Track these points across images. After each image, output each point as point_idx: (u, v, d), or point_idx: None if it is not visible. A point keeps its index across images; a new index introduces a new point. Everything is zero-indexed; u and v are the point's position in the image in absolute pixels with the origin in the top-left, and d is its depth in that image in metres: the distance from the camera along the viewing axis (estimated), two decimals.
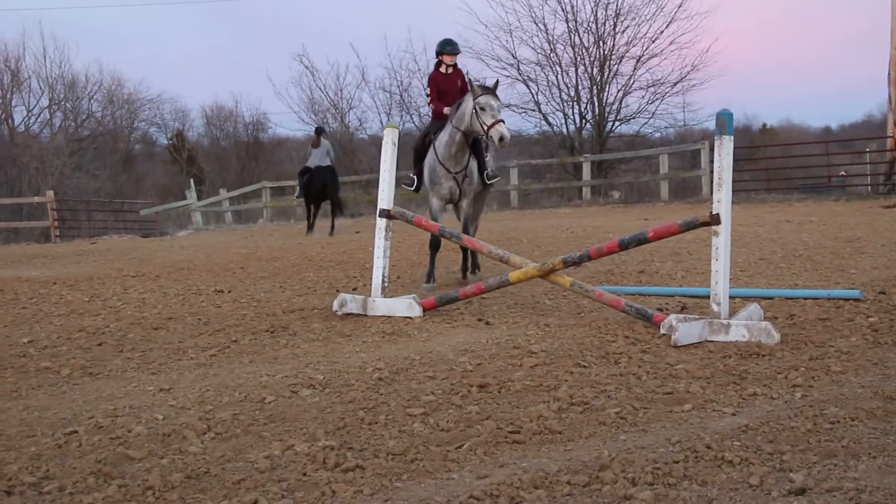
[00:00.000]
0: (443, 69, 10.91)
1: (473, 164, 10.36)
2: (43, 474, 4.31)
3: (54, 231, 27.52)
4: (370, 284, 8.70)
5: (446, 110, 10.50)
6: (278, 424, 5.01)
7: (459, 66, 11.09)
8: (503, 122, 9.74)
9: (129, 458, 4.50)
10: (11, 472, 4.34)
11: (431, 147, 10.44)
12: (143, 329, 8.20)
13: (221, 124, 55.18)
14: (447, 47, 10.86)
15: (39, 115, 47.23)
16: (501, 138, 9.63)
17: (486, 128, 9.70)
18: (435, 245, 10.31)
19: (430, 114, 11.46)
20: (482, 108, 9.76)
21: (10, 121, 45.89)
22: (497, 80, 10.40)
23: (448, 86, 10.87)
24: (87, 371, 6.68)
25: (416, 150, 10.93)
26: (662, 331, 6.88)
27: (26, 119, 46.73)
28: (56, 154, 41.82)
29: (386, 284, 8.59)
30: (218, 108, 55.14)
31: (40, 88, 46.67)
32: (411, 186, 10.82)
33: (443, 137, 10.28)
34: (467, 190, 10.40)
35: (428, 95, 11.10)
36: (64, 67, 47.61)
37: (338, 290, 9.80)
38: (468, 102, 9.93)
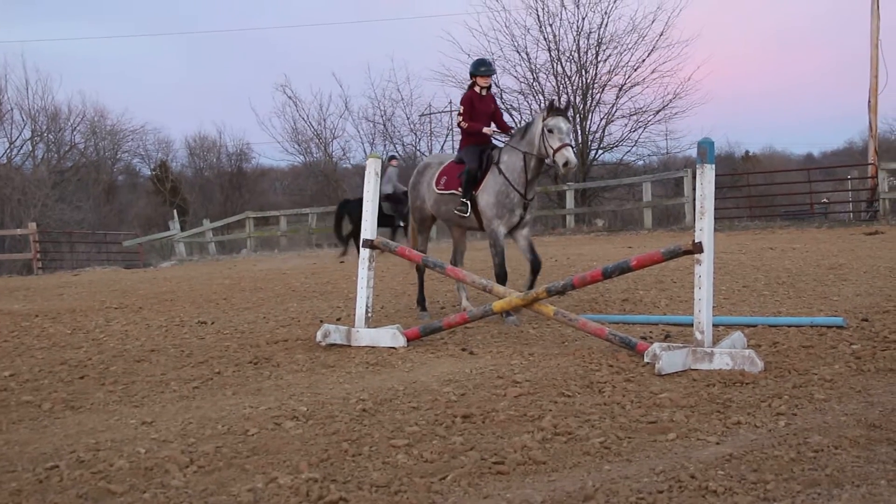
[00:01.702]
0: (477, 90, 10.45)
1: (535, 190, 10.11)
2: None
3: (36, 263, 27.39)
4: (354, 315, 8.68)
5: (487, 130, 10.28)
6: (261, 457, 4.97)
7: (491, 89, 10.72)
8: (571, 146, 9.45)
9: (111, 492, 4.46)
10: None
11: (497, 172, 9.89)
12: (126, 362, 8.15)
13: (205, 155, 55.23)
14: (481, 69, 10.45)
15: (22, 146, 47.21)
16: (566, 163, 9.30)
17: (552, 151, 9.38)
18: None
19: (457, 137, 11.69)
20: (550, 131, 9.43)
21: None
22: (569, 100, 10.40)
23: (482, 107, 10.44)
24: (69, 405, 6.63)
25: (471, 173, 10.02)
26: (646, 359, 6.88)
27: (8, 151, 46.67)
28: (38, 186, 41.70)
29: (370, 315, 8.57)
30: (201, 139, 55.22)
31: (23, 120, 46.68)
32: (465, 213, 10.00)
33: (512, 162, 9.86)
34: (529, 216, 10.03)
35: (460, 115, 10.46)
36: (46, 99, 47.68)
37: (321, 321, 9.77)
38: (538, 124, 9.62)
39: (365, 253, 8.63)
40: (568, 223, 28.77)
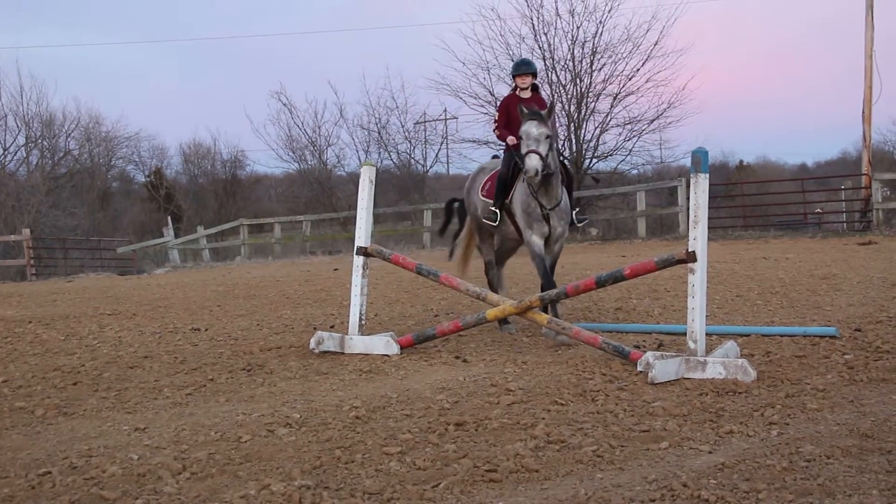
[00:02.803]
0: (519, 93, 9.70)
1: (566, 201, 9.29)
2: None
3: (30, 269, 27.36)
4: (348, 322, 8.68)
5: (511, 140, 9.34)
6: (254, 464, 4.98)
7: (533, 90, 9.86)
8: (536, 153, 8.62)
9: (104, 498, 4.46)
10: None
11: (523, 180, 9.18)
12: (119, 368, 8.15)
13: (199, 162, 55.15)
14: (521, 67, 9.85)
15: (16, 152, 47.13)
16: (526, 172, 8.64)
17: (523, 159, 8.77)
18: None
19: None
20: (520, 138, 8.87)
21: None
22: (552, 101, 9.48)
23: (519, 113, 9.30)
24: (62, 411, 6.63)
25: (501, 180, 9.56)
26: (639, 368, 6.88)
27: (2, 157, 46.60)
28: (32, 192, 41.64)
29: (363, 322, 8.58)
30: (196, 146, 55.15)
31: (17, 126, 46.59)
32: (494, 222, 9.57)
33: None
34: (559, 229, 9.27)
35: (496, 121, 9.84)
36: (41, 105, 47.59)
37: (315, 328, 9.78)
38: None
39: (358, 260, 8.64)
40: None
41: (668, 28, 35.76)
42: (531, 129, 8.76)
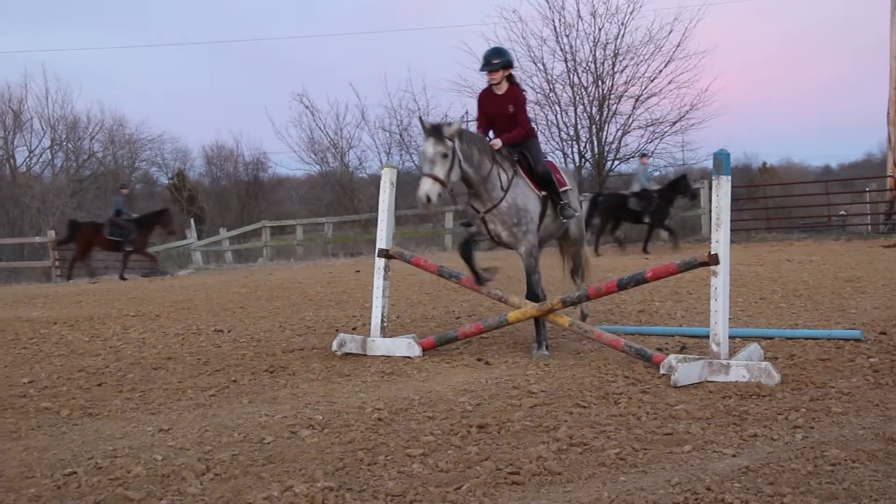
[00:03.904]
0: (494, 88, 8.78)
1: (514, 201, 8.34)
2: None
3: (55, 271, 27.52)
4: (370, 324, 8.70)
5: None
6: (277, 465, 4.99)
7: (519, 81, 9.17)
8: (430, 177, 7.87)
9: (128, 499, 4.48)
10: None
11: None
12: (143, 369, 8.19)
13: (222, 164, 55.33)
14: (487, 64, 8.67)
15: (41, 155, 47.44)
16: (418, 199, 7.94)
17: None
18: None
19: None
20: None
21: (12, 161, 46.09)
22: (461, 118, 8.83)
23: (494, 109, 8.72)
24: (87, 411, 6.67)
25: None
26: (662, 371, 6.86)
27: (28, 159, 46.94)
28: (57, 194, 41.93)
29: (385, 324, 8.60)
30: (218, 148, 55.32)
31: (42, 129, 46.91)
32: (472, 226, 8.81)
33: None
34: (504, 233, 8.41)
35: (478, 123, 9.04)
36: (66, 108, 47.88)
37: (337, 330, 9.80)
38: None
39: (380, 262, 8.65)
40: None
41: (691, 29, 35.50)
42: (427, 148, 8.04)
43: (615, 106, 34.93)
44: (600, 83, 34.65)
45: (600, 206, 23.43)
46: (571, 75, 34.74)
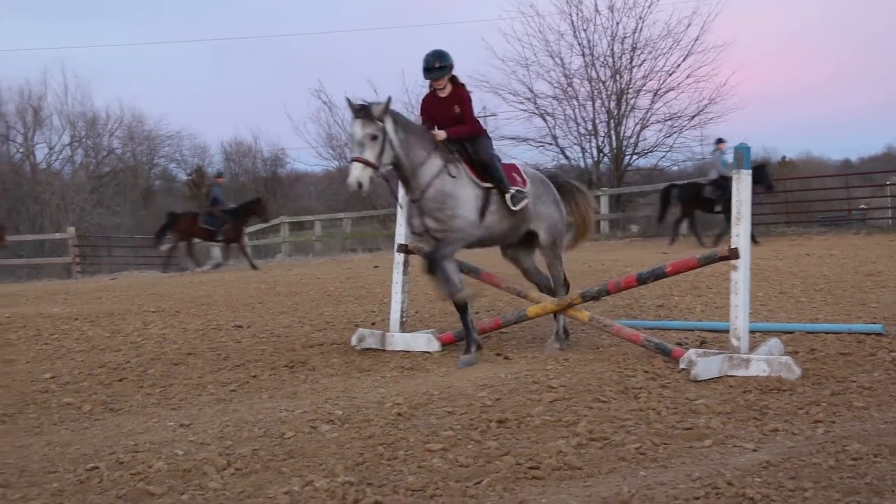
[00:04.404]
0: (438, 92, 8.34)
1: (444, 188, 7.88)
2: None
3: (75, 267, 27.64)
4: (388, 319, 8.71)
5: (438, 134, 8.18)
6: (298, 460, 5.01)
7: (471, 84, 8.71)
8: (360, 161, 7.53)
9: (150, 493, 4.51)
10: None
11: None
12: (164, 365, 8.23)
13: (240, 160, 55.44)
14: (429, 73, 8.23)
15: (61, 152, 47.64)
16: (348, 186, 7.72)
17: None
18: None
19: None
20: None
21: (31, 158, 46.32)
22: (389, 98, 7.84)
23: (439, 112, 8.29)
24: (108, 407, 6.72)
25: None
26: (682, 365, 6.84)
27: (48, 156, 47.16)
28: (77, 190, 42.11)
29: (404, 319, 8.61)
30: (237, 144, 55.43)
31: (62, 126, 47.10)
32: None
33: None
34: (432, 223, 7.93)
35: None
36: (85, 105, 48.07)
37: (356, 325, 9.80)
38: None
39: (399, 258, 8.66)
40: (602, 228, 28.67)
41: (710, 23, 35.35)
42: (355, 129, 7.64)
43: (633, 100, 34.81)
44: (618, 77, 34.53)
45: (675, 196, 22.93)
46: (589, 69, 34.63)
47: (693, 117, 34.11)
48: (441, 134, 8.13)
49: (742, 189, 6.85)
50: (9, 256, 26.41)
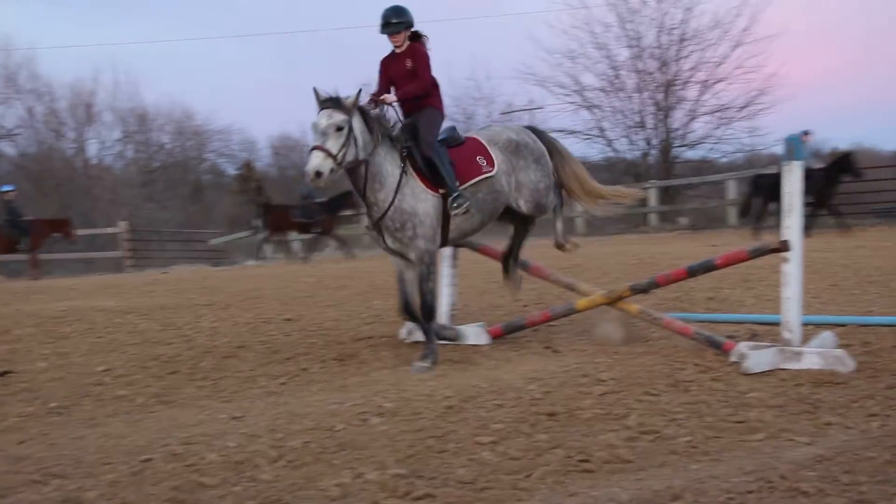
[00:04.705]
0: (397, 51, 7.95)
1: (398, 203, 7.58)
2: (120, 501, 4.39)
3: (127, 261, 27.98)
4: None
5: (387, 97, 7.91)
6: (348, 452, 5.04)
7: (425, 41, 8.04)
8: (321, 150, 7.17)
9: (204, 485, 4.56)
10: (90, 498, 4.44)
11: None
12: (215, 358, 8.30)
13: (288, 154, 55.72)
14: (385, 27, 7.85)
15: (112, 147, 48.21)
16: (306, 175, 7.41)
17: None
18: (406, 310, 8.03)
19: None
20: None
21: (84, 153, 46.91)
22: (359, 91, 7.53)
23: (394, 70, 7.96)
24: (161, 399, 6.80)
25: None
26: (733, 358, 6.79)
27: (100, 151, 47.74)
28: (128, 186, 42.62)
29: (453, 312, 8.62)
30: (284, 139, 55.73)
31: (113, 122, 47.65)
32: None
33: None
34: (392, 242, 7.74)
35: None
36: (136, 101, 48.59)
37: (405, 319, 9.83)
38: None
39: (447, 251, 8.67)
40: (651, 221, 28.53)
41: (759, 13, 35.06)
42: (320, 119, 7.28)
43: (681, 92, 34.58)
44: (666, 69, 34.32)
45: (760, 185, 22.57)
46: (636, 61, 34.47)
47: (742, 108, 33.84)
48: (390, 97, 7.81)
49: (793, 181, 6.78)
50: (63, 251, 26.77)
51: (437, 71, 7.92)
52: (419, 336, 8.38)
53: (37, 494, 4.57)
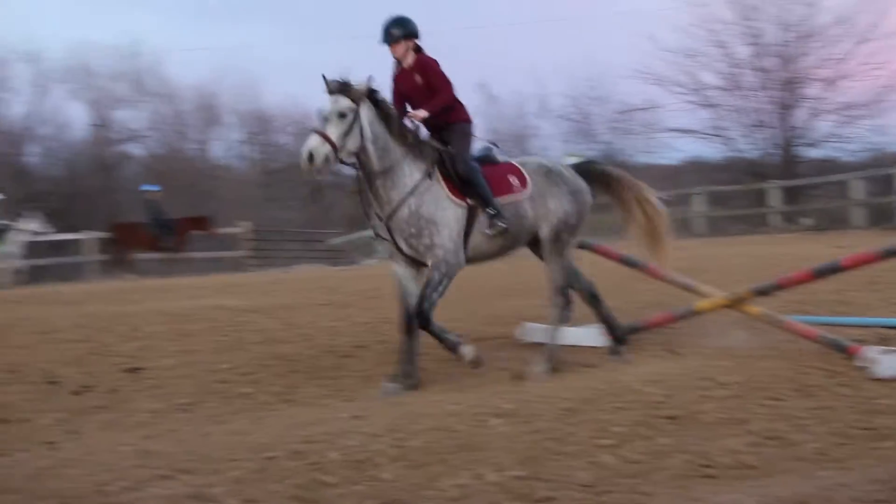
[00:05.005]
0: (404, 65, 7.60)
1: (415, 206, 7.21)
2: (246, 497, 4.49)
3: (250, 261, 28.54)
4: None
5: (414, 114, 7.54)
6: (467, 453, 5.05)
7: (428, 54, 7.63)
8: (319, 135, 6.84)
9: (326, 483, 4.64)
10: (216, 494, 4.55)
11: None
12: (335, 357, 8.42)
13: None
14: (385, 36, 7.50)
15: (235, 148, 49.20)
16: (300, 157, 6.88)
17: None
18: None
19: None
20: None
21: (207, 154, 48.00)
22: (369, 78, 7.08)
23: (404, 84, 7.62)
24: (283, 397, 6.94)
25: None
26: (860, 363, 6.60)
27: (222, 153, 48.76)
28: (250, 186, 43.47)
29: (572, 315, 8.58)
30: None
31: (235, 123, 48.62)
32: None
33: None
34: (405, 247, 7.40)
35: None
36: (257, 102, 49.50)
37: (523, 319, 9.81)
38: None
39: None
40: (773, 221, 27.87)
41: (888, 8, 33.91)
42: (324, 105, 6.95)
43: (803, 89, 33.72)
44: (787, 66, 33.51)
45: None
46: (757, 59, 33.75)
47: (868, 106, 32.80)
48: (420, 113, 7.41)
49: None
50: (195, 250, 27.47)
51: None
52: (536, 337, 8.37)
53: (165, 489, 4.70)
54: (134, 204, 29.77)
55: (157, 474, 4.92)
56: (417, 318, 7.30)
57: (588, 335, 8.32)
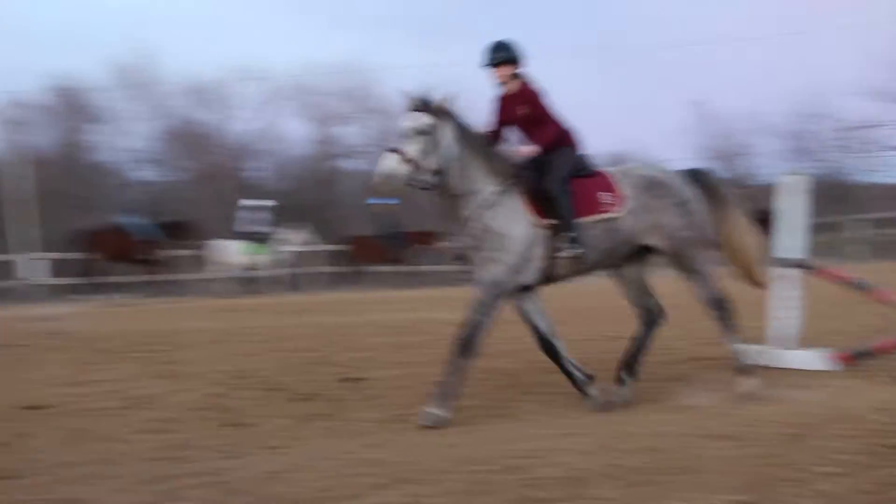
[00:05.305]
0: (505, 90, 7.39)
1: (488, 221, 6.98)
2: None
3: (454, 275, 28.90)
4: (769, 335, 8.42)
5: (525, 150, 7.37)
6: (682, 476, 4.94)
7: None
8: (395, 153, 6.74)
9: (537, 500, 4.62)
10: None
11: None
12: (544, 373, 8.40)
13: None
14: (488, 58, 7.29)
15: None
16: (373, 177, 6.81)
17: None
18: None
19: None
20: None
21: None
22: (450, 95, 7.03)
23: (509, 115, 7.38)
24: (497, 412, 6.98)
25: None
26: None
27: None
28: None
29: (795, 337, 8.30)
30: (617, 158, 55.53)
31: None
32: None
33: None
34: (482, 272, 7.16)
35: None
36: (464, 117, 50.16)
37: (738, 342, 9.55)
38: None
39: (791, 273, 8.36)
40: None
41: None
42: (403, 122, 6.85)
43: None
44: None
45: None
46: None
47: None
48: (531, 149, 7.23)
49: None
50: (416, 264, 28.07)
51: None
52: (756, 359, 8.10)
53: (381, 498, 4.79)
54: (354, 217, 30.67)
55: (376, 482, 5.03)
56: (460, 346, 7.04)
57: (811, 359, 8.01)
